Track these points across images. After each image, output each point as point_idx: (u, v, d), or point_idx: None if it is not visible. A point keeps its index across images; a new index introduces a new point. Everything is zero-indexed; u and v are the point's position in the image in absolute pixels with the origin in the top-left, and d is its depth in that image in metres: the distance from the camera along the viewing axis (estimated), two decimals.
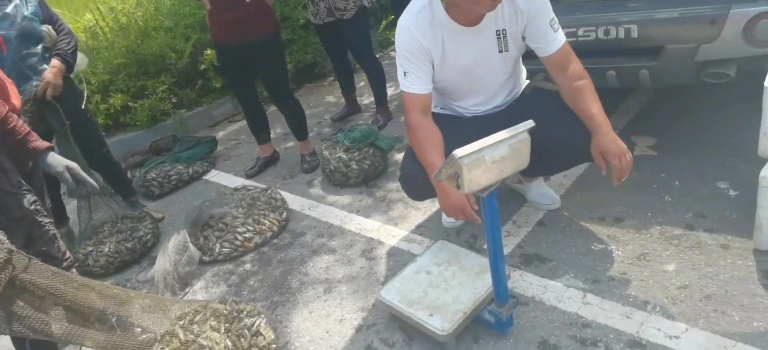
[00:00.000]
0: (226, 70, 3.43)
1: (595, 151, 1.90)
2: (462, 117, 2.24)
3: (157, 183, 3.60)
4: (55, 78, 2.59)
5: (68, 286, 1.66)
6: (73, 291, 1.67)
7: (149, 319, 2.14)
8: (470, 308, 1.85)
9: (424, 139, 1.94)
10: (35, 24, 2.63)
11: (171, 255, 2.63)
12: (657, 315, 1.84)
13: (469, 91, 2.15)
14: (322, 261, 2.54)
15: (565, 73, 1.98)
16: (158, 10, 4.83)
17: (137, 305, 2.13)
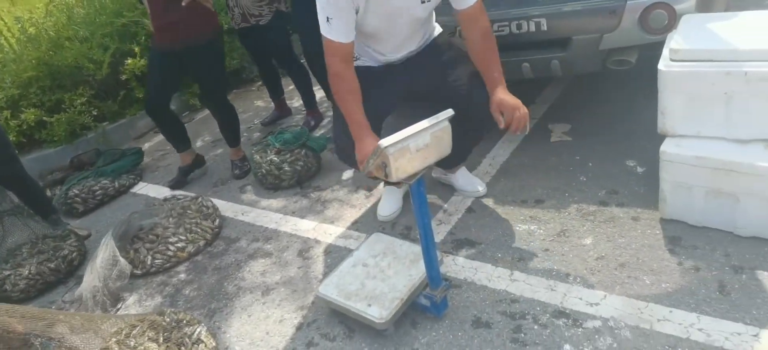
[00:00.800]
0: (154, 72, 3.23)
1: (494, 106, 2.06)
2: (372, 68, 2.27)
3: (80, 200, 3.44)
4: None
5: None
6: None
7: (79, 339, 2.06)
8: (406, 295, 1.92)
9: (347, 91, 2.00)
10: None
11: (99, 270, 2.53)
12: (578, 285, 1.98)
13: (387, 38, 2.17)
14: (259, 265, 2.53)
15: (476, 28, 2.10)
16: (71, 19, 4.59)
17: (65, 325, 2.05)
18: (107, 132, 4.35)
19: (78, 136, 4.28)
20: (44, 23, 4.53)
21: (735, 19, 2.17)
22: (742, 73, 1.88)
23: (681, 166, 2.06)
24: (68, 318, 1.98)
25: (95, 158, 3.83)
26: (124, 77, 4.39)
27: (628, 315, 1.81)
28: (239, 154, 3.51)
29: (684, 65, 2.01)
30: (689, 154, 2.03)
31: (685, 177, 2.07)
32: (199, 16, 3.01)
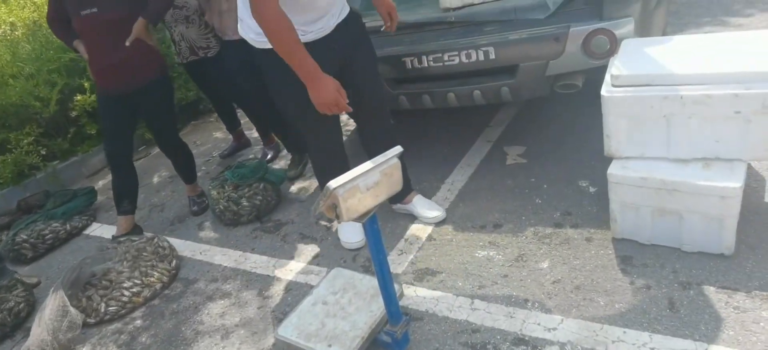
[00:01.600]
0: (107, 121, 3.07)
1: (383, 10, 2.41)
2: None
3: (29, 245, 3.31)
4: None
5: None
6: None
7: None
8: (367, 332, 1.90)
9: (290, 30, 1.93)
10: None
11: (48, 322, 2.42)
12: (536, 310, 2.01)
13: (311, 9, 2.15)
14: (217, 307, 2.48)
15: None
16: (15, 56, 4.44)
17: None
18: (58, 171, 4.21)
19: (26, 176, 4.13)
20: None
21: (671, 44, 2.26)
22: (678, 97, 1.97)
23: (628, 187, 2.13)
24: None
25: (44, 200, 3.69)
26: (74, 114, 4.27)
27: (584, 338, 1.85)
28: (196, 190, 3.45)
29: (625, 90, 2.08)
30: (635, 175, 2.10)
31: (632, 198, 2.14)
32: (142, 57, 2.88)
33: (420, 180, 2.97)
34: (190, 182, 3.41)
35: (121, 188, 3.16)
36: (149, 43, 2.91)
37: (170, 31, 3.48)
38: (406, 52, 2.60)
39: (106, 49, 2.83)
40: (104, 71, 2.90)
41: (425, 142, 3.41)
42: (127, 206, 3.17)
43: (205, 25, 3.39)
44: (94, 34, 2.81)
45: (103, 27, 2.79)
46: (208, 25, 3.39)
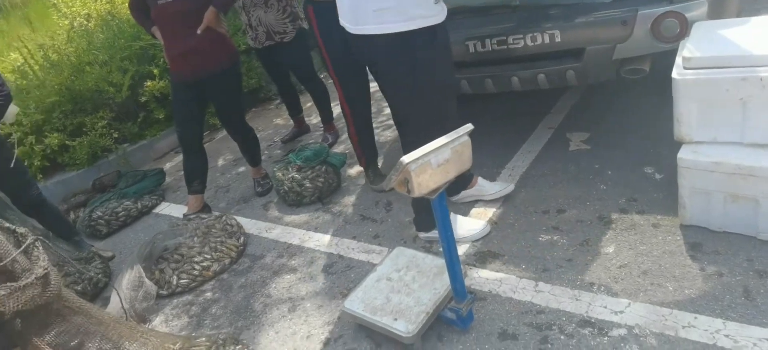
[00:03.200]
0: (178, 105, 3.22)
1: None
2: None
3: (104, 222, 3.52)
4: None
5: None
6: None
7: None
8: (432, 308, 1.95)
9: None
10: None
11: (126, 292, 2.58)
12: (602, 294, 1.99)
13: None
14: (284, 281, 2.57)
15: None
16: (91, 44, 4.71)
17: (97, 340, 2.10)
18: (128, 153, 4.44)
19: (99, 158, 4.38)
20: (66, 49, 4.65)
21: (748, 25, 2.18)
22: (758, 78, 1.90)
23: (699, 172, 2.08)
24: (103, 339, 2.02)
25: (117, 180, 3.90)
26: (144, 99, 4.49)
27: (652, 322, 1.83)
28: (261, 172, 3.58)
29: (697, 73, 2.03)
30: (706, 159, 2.05)
31: (703, 183, 2.08)
32: (213, 44, 3.00)
33: (480, 165, 2.97)
34: (256, 165, 3.54)
35: (192, 169, 3.30)
36: (220, 31, 3.02)
37: (248, 15, 3.58)
38: (468, 36, 2.60)
39: (180, 36, 2.96)
40: (177, 58, 3.03)
41: (484, 128, 3.40)
42: (197, 186, 3.31)
43: (284, 10, 3.51)
44: (169, 22, 2.96)
45: (177, 16, 2.93)
46: (286, 10, 3.51)
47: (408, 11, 1.98)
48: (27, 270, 1.75)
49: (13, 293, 1.61)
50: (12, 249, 1.74)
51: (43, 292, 1.76)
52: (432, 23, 2.03)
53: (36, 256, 1.83)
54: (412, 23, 1.99)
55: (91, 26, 5.10)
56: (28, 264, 1.79)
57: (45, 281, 1.76)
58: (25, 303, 1.68)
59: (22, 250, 1.77)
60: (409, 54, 2.05)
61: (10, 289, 1.60)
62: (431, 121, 2.15)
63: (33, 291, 1.71)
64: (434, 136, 1.63)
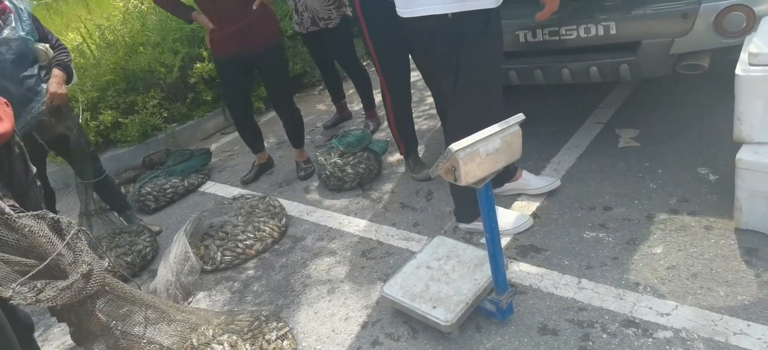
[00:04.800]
0: (227, 82, 3.40)
1: None
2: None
3: (152, 197, 3.64)
4: (59, 87, 2.59)
5: None
6: None
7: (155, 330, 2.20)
8: (471, 298, 1.94)
9: None
10: (30, 44, 2.64)
11: (173, 265, 2.67)
12: (648, 295, 1.94)
13: None
14: (324, 263, 2.61)
15: None
16: (145, 26, 4.86)
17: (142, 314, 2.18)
18: (176, 133, 4.57)
19: (149, 136, 4.53)
20: (121, 30, 4.81)
21: None
22: None
23: (759, 174, 1.98)
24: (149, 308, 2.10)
25: (166, 158, 4.03)
26: (193, 81, 4.61)
27: (701, 326, 1.76)
28: (303, 155, 3.63)
29: (765, 70, 1.93)
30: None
31: (763, 186, 1.99)
32: (265, 23, 3.14)
33: (524, 158, 2.87)
34: (298, 147, 3.59)
35: (249, 136, 3.59)
36: (271, 10, 3.12)
37: (294, 0, 3.63)
38: (519, 26, 2.56)
39: (233, 14, 3.05)
40: (229, 36, 3.12)
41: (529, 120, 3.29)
42: (259, 146, 3.66)
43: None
44: (222, 1, 3.02)
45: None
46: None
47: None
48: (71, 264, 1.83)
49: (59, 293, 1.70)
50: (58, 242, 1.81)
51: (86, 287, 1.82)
52: (485, 6, 2.00)
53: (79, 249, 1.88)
54: (465, 5, 1.97)
55: (144, 8, 5.25)
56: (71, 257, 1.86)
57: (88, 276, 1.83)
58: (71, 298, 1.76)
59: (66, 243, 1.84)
60: (460, 37, 2.04)
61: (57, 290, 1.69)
62: (476, 109, 2.13)
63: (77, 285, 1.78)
64: (479, 126, 1.61)
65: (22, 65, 2.58)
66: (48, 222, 1.86)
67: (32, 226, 1.82)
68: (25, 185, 2.04)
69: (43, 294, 1.79)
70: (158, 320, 2.21)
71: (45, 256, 1.82)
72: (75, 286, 1.81)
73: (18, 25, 2.59)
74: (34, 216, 1.82)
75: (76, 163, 2.91)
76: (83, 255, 1.87)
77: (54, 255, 1.81)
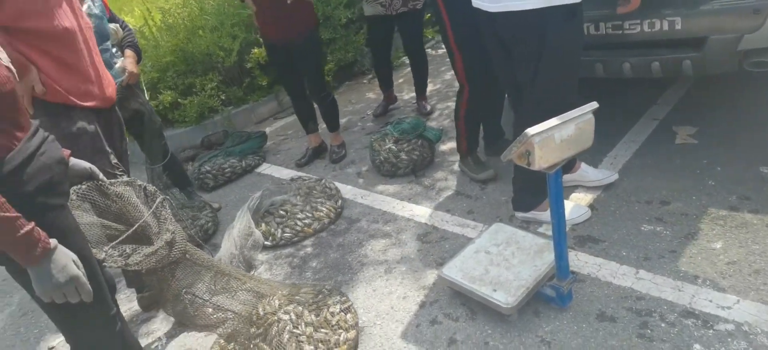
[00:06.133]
0: (276, 63, 3.62)
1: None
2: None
3: (211, 176, 3.80)
4: (134, 66, 2.81)
5: None
6: None
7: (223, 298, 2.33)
8: (532, 283, 1.99)
9: None
10: (104, 23, 2.81)
11: (236, 239, 2.81)
12: (707, 288, 1.96)
13: None
14: (379, 245, 2.70)
15: None
16: (203, 10, 5.03)
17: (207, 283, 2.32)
18: (231, 115, 4.73)
19: (206, 118, 4.70)
20: (181, 13, 4.99)
21: None
22: None
23: None
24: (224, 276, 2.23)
25: (223, 139, 4.19)
26: (249, 66, 4.76)
27: (764, 321, 1.78)
28: (338, 139, 3.78)
29: None
30: None
31: None
32: (303, 12, 3.28)
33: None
34: (333, 130, 3.75)
35: (303, 113, 3.74)
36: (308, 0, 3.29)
37: None
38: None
39: (273, 4, 3.20)
40: (269, 24, 3.30)
41: None
42: (312, 126, 3.78)
43: None
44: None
45: None
46: None
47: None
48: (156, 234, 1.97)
49: (145, 259, 1.84)
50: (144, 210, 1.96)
51: (170, 254, 1.97)
52: (571, 1, 2.04)
53: (164, 217, 2.02)
54: (552, 0, 2.02)
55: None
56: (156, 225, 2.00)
57: (171, 243, 1.97)
58: (155, 264, 1.90)
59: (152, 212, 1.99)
60: (544, 30, 2.09)
61: (143, 256, 1.83)
62: (553, 100, 2.17)
63: (162, 252, 1.93)
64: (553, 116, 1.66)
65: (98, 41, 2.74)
66: (136, 190, 2.01)
67: (122, 193, 1.96)
68: (120, 151, 2.20)
69: (131, 259, 1.93)
70: (228, 288, 2.35)
71: (132, 222, 1.96)
72: (159, 252, 1.95)
73: (91, 3, 2.75)
74: (124, 183, 1.96)
75: (146, 141, 3.07)
76: (167, 223, 2.01)
77: (141, 221, 1.95)
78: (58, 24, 1.89)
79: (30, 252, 1.23)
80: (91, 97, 2.01)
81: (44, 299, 1.29)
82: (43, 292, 1.28)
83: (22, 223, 1.20)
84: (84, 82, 1.98)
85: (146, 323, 2.55)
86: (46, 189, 1.28)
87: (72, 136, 1.93)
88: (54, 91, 1.89)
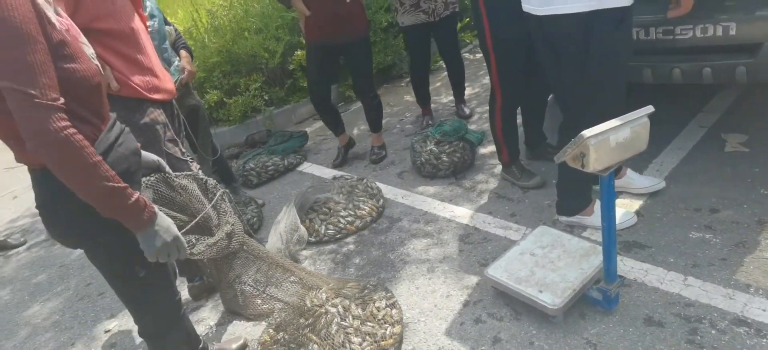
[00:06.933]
0: (315, 67, 3.58)
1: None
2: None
3: (255, 173, 3.90)
4: (191, 65, 2.98)
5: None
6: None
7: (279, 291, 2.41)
8: (578, 286, 2.00)
9: None
10: (162, 24, 2.94)
11: (282, 234, 2.89)
12: (761, 297, 1.93)
13: None
14: (421, 244, 2.74)
15: None
16: (247, 12, 5.17)
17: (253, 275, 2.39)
18: (273, 115, 4.84)
19: (249, 117, 4.83)
20: (227, 15, 5.14)
21: None
22: None
23: None
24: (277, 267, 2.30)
25: (266, 138, 4.30)
26: (292, 67, 4.86)
27: None
28: (380, 140, 3.84)
29: None
30: None
31: None
32: (360, 13, 3.39)
33: None
34: (376, 131, 3.81)
35: (330, 121, 3.83)
36: (362, 3, 3.38)
37: None
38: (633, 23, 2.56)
39: (331, 3, 3.27)
40: (326, 23, 3.34)
41: None
42: (339, 129, 3.86)
43: None
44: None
45: None
46: None
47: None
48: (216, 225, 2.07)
49: (208, 249, 1.94)
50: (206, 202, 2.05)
51: (229, 245, 2.06)
52: (621, 5, 2.04)
53: (223, 210, 2.12)
54: (602, 2, 2.03)
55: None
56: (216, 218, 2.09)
57: (231, 235, 2.06)
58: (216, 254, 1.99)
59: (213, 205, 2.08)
60: (593, 33, 2.09)
61: (206, 245, 1.92)
62: (601, 104, 2.17)
63: (222, 243, 2.02)
64: (601, 121, 1.67)
65: (160, 40, 2.88)
66: (198, 183, 2.10)
67: (186, 185, 2.05)
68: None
69: (195, 248, 2.02)
70: (278, 279, 2.42)
71: (195, 214, 2.05)
72: (220, 243, 2.03)
73: (151, 5, 2.87)
74: (187, 176, 2.06)
75: (200, 137, 3.19)
76: (227, 215, 2.09)
77: (203, 213, 2.04)
78: (126, 24, 2.01)
79: (139, 217, 1.36)
80: (158, 90, 2.12)
81: (151, 259, 1.43)
82: (152, 252, 1.42)
83: (131, 192, 1.34)
84: (151, 77, 2.09)
85: (196, 311, 2.64)
86: (125, 178, 1.37)
87: (145, 127, 2.04)
88: (127, 86, 2.00)
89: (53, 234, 1.51)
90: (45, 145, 1.18)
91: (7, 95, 1.17)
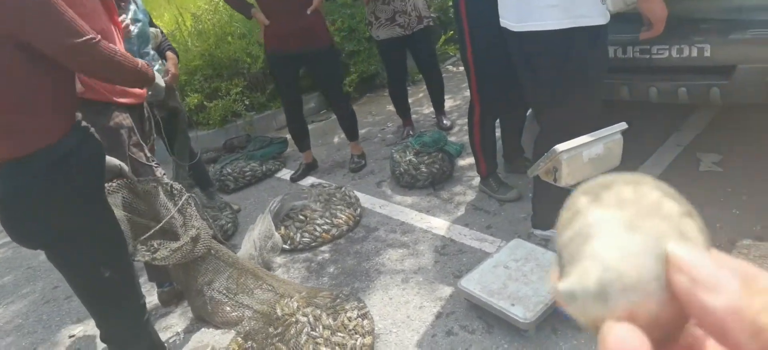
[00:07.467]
0: (282, 78, 3.59)
1: None
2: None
3: (232, 178, 3.86)
4: (176, 68, 2.93)
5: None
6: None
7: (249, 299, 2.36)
8: (550, 300, 1.99)
9: None
10: (146, 27, 2.90)
11: (256, 241, 2.84)
12: None
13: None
14: (397, 254, 2.71)
15: None
16: (232, 17, 5.14)
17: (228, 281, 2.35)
18: (254, 121, 4.80)
19: (229, 121, 4.78)
20: (211, 20, 5.10)
21: None
22: None
23: None
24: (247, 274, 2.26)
25: (246, 143, 4.26)
26: None
27: None
28: (358, 148, 3.83)
29: None
30: None
31: None
32: (320, 24, 3.37)
33: None
34: (352, 140, 3.80)
35: (296, 132, 3.76)
36: (322, 15, 3.38)
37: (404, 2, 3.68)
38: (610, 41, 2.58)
39: (291, 15, 3.27)
40: (287, 35, 3.33)
41: None
42: (306, 143, 3.82)
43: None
44: (279, 3, 3.25)
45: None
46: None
47: (574, 10, 2.02)
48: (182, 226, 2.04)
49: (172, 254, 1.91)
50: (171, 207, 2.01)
51: (194, 250, 2.03)
52: (596, 23, 2.05)
53: (189, 215, 2.08)
54: (577, 21, 2.03)
55: None
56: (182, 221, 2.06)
57: (196, 239, 2.03)
58: (180, 259, 1.96)
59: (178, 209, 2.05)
60: (567, 51, 2.10)
61: (170, 251, 1.89)
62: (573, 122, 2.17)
63: (187, 248, 1.99)
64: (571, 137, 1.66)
65: (142, 44, 2.83)
66: (163, 188, 2.06)
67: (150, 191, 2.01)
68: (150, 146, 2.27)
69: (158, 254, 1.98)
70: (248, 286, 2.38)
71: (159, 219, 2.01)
72: (185, 248, 1.99)
73: (136, 8, 2.84)
74: (151, 181, 2.02)
75: (179, 139, 3.14)
76: (193, 220, 2.05)
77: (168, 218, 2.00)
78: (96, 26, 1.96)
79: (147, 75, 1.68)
80: (125, 94, 2.08)
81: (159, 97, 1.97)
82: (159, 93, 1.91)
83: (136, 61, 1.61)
84: None
85: (164, 318, 2.58)
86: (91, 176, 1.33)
87: (110, 130, 1.99)
88: (91, 89, 1.95)
89: (13, 234, 1.46)
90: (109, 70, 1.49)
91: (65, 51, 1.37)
